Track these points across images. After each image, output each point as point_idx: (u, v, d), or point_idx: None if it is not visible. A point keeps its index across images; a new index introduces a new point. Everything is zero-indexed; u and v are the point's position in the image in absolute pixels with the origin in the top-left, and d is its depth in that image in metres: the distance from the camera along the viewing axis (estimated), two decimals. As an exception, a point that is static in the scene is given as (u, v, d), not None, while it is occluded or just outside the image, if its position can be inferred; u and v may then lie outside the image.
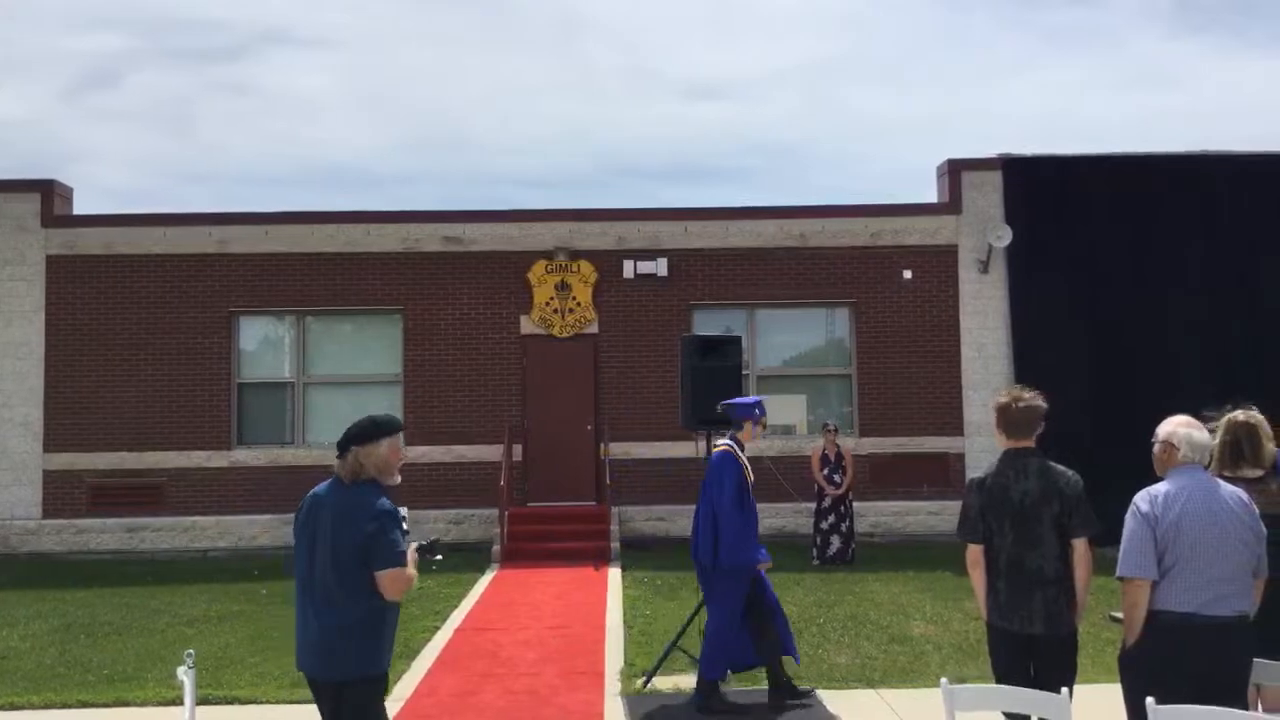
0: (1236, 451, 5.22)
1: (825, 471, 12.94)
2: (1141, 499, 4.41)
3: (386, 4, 41.96)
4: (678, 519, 14.15)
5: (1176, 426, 4.52)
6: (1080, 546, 4.75)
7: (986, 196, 14.99)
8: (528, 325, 14.64)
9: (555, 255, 14.63)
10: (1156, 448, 4.55)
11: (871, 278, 14.91)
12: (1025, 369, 14.42)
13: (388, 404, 14.78)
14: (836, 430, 13.25)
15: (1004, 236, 14.52)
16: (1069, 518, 4.76)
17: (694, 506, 7.13)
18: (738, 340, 8.19)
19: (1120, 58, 42.52)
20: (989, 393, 14.63)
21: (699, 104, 45.19)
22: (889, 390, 14.77)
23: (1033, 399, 5.04)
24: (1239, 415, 5.36)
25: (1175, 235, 14.54)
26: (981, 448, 14.21)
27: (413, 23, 42.69)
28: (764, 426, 7.27)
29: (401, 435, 4.36)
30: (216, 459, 14.47)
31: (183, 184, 44.18)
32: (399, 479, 4.38)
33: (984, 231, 14.71)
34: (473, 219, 14.83)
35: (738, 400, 7.28)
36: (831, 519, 12.86)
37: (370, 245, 14.76)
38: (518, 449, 14.34)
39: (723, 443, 7.09)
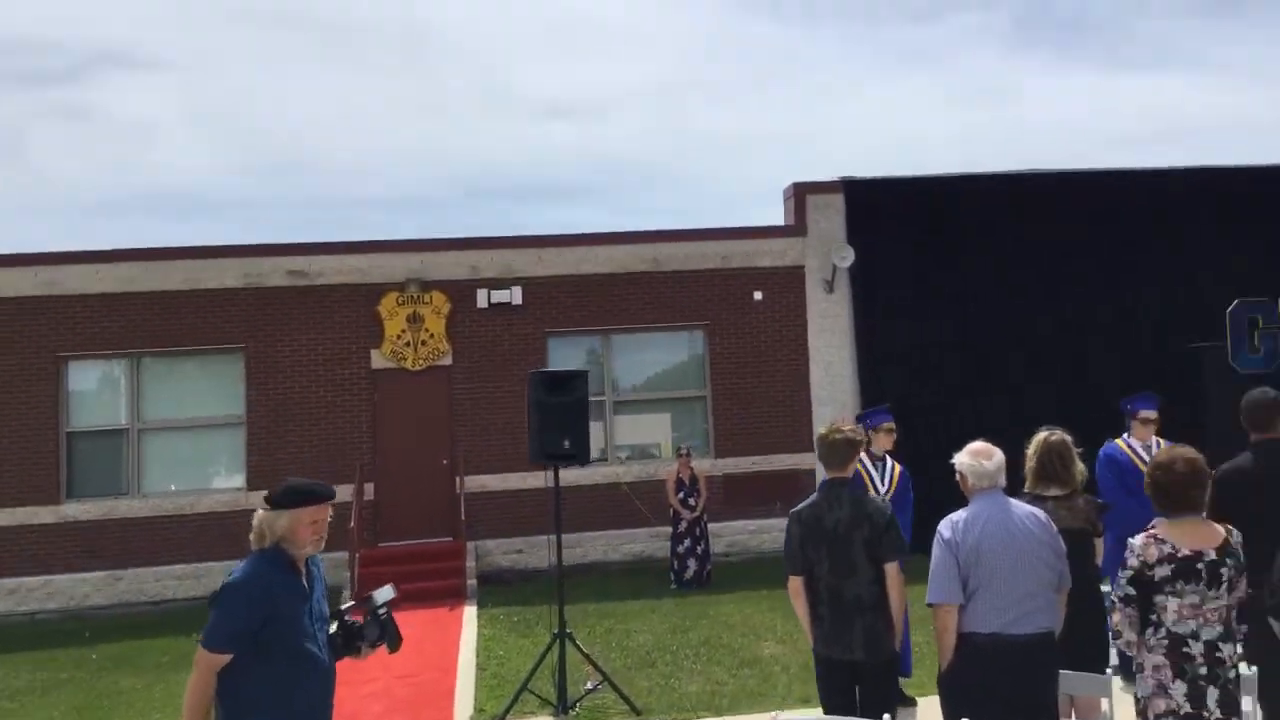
0: (1048, 471, 5.45)
1: (680, 495, 13.03)
2: (944, 526, 4.55)
3: (227, 25, 40.69)
4: (537, 550, 14.00)
5: (962, 455, 4.69)
6: (892, 571, 4.87)
7: (830, 218, 15.40)
8: (379, 359, 14.28)
9: (407, 287, 14.34)
10: (957, 475, 4.71)
11: (724, 300, 15.12)
12: (870, 385, 14.89)
13: (230, 447, 14.24)
14: (689, 454, 13.37)
15: (847, 257, 14.95)
16: (879, 543, 4.88)
17: (550, 537, 7.11)
18: (584, 374, 8.18)
19: (959, 75, 44.59)
20: (837, 409, 15.01)
21: (552, 123, 45.29)
22: (743, 410, 14.99)
23: (845, 433, 5.15)
24: (1049, 436, 5.59)
25: (1012, 251, 15.11)
26: (834, 463, 14.51)
27: (254, 44, 41.51)
28: (884, 433, 7.38)
29: (320, 508, 3.95)
30: (43, 514, 13.58)
31: (14, 216, 41.73)
32: (310, 550, 3.96)
33: (829, 252, 15.11)
34: (319, 251, 14.40)
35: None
36: (687, 542, 12.94)
37: (209, 281, 14.17)
38: (370, 488, 13.96)
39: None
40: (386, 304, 14.24)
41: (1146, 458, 7.72)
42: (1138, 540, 4.41)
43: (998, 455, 4.65)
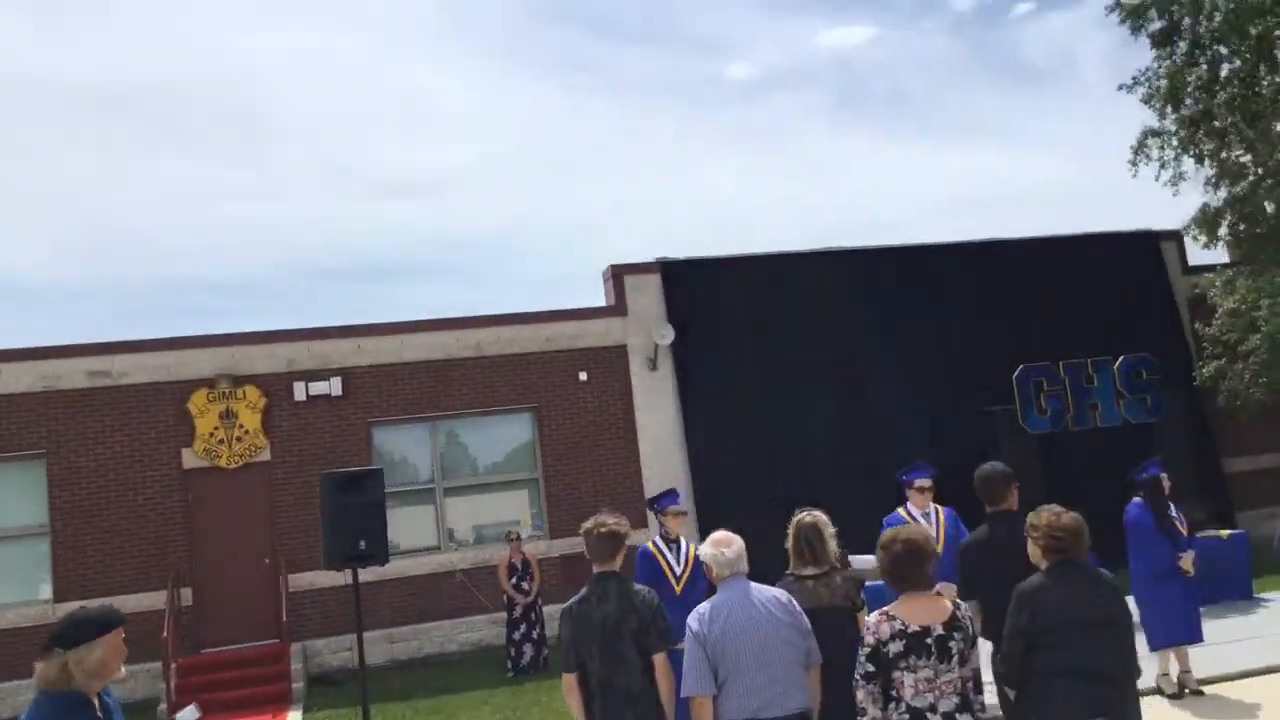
0: (803, 552, 5.73)
1: (513, 580, 12.97)
2: (692, 619, 4.73)
3: (42, 110, 39.08)
4: (371, 647, 13.59)
5: (705, 546, 4.92)
6: (659, 661, 5.00)
7: (649, 297, 15.83)
8: (191, 459, 13.80)
9: (217, 383, 13.94)
10: (704, 566, 4.92)
11: (550, 382, 15.28)
12: (699, 458, 15.26)
13: (34, 558, 13.45)
14: (520, 537, 13.36)
15: (667, 335, 15.36)
16: (647, 634, 5.02)
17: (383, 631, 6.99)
18: (379, 473, 8.13)
19: (787, 152, 46.64)
20: (669, 482, 15.28)
21: (394, 202, 45.02)
22: (575, 489, 15.08)
23: (609, 526, 5.30)
24: (803, 518, 5.88)
25: (821, 324, 15.80)
26: (664, 538, 14.73)
27: (77, 129, 39.92)
28: (673, 516, 7.71)
29: (121, 630, 3.71)
30: None
31: None
32: (117, 677, 3.74)
33: (649, 331, 15.50)
34: (122, 350, 13.89)
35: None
36: (523, 628, 12.86)
37: (2, 386, 13.47)
38: (188, 592, 13.38)
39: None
40: (196, 401, 13.82)
41: (924, 524, 8.21)
42: (872, 618, 4.69)
43: (737, 543, 4.89)
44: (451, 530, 15.06)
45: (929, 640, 4.56)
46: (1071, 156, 41.77)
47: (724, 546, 4.85)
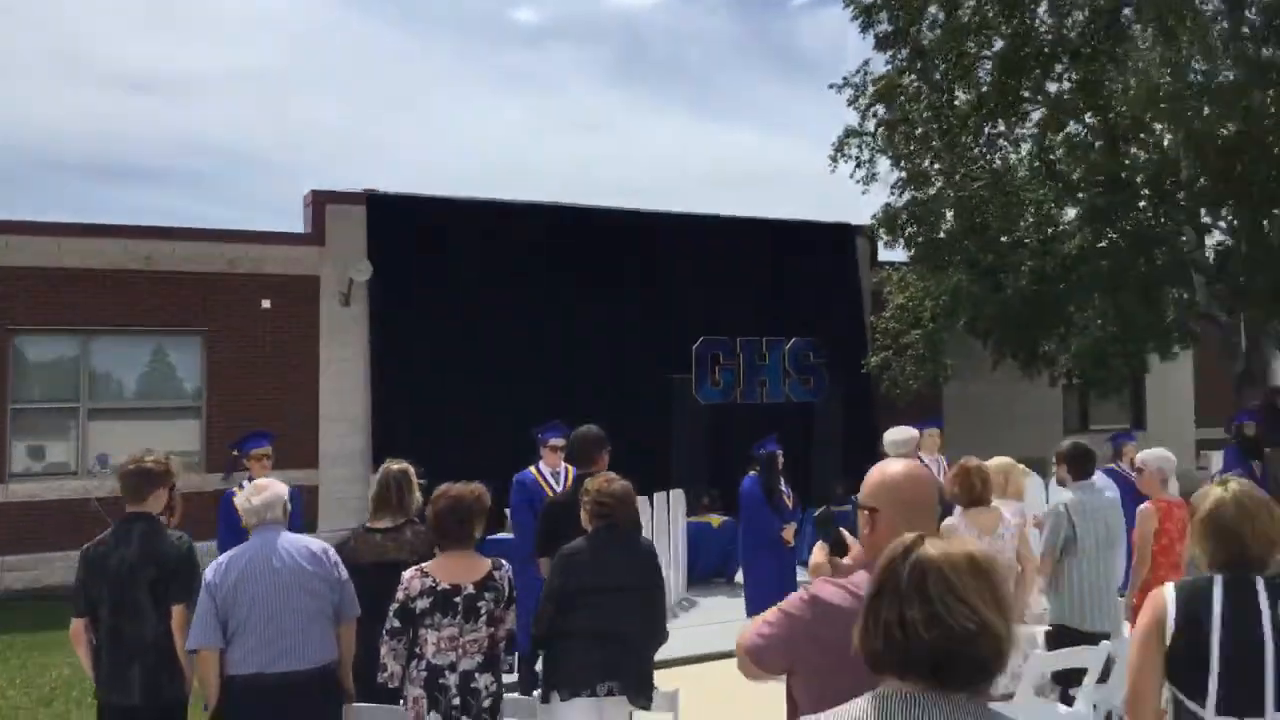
0: (382, 501, 5.53)
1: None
2: (209, 569, 4.45)
3: None
4: (-22, 576, 12.38)
5: (239, 495, 4.70)
6: (177, 613, 4.67)
7: (351, 230, 15.06)
8: None
9: None
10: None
11: (227, 306, 14.27)
12: (382, 401, 14.77)
13: None
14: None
15: (364, 270, 14.69)
16: (168, 584, 4.66)
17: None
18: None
19: (561, 104, 46.12)
20: (347, 424, 14.79)
21: (134, 97, 40.94)
22: (242, 422, 14.05)
23: (142, 464, 4.91)
24: (390, 467, 5.69)
25: (519, 278, 15.51)
26: (336, 478, 14.24)
27: None
28: (256, 460, 7.88)
29: None
30: None
31: None
32: None
33: (346, 264, 14.78)
34: None
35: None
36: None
37: None
38: None
39: None
40: None
41: (554, 483, 8.23)
42: (407, 573, 4.55)
43: (271, 491, 4.63)
44: (106, 456, 13.85)
45: (457, 599, 4.48)
46: (823, 146, 43.86)
47: (254, 495, 4.59)
